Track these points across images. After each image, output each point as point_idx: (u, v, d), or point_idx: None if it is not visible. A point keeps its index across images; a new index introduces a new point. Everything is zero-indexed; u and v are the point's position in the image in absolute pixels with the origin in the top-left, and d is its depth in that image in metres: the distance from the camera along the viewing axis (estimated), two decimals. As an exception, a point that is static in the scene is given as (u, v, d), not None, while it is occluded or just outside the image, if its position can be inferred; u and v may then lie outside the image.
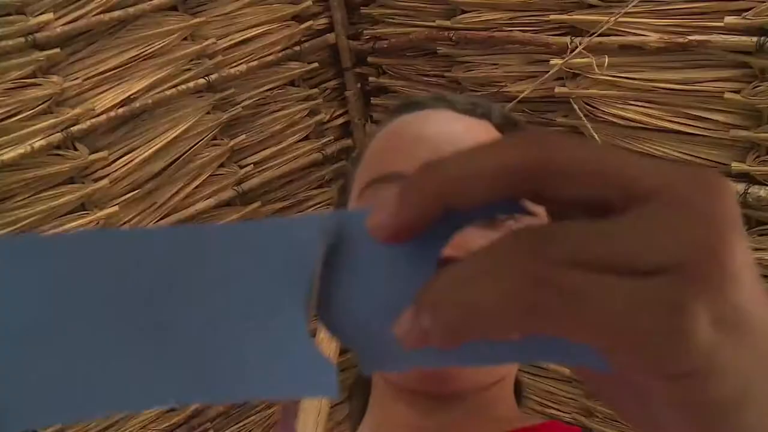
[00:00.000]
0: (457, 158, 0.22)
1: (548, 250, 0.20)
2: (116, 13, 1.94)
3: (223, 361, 0.24)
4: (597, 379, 0.26)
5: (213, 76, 2.16)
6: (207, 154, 2.23)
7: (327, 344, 1.46)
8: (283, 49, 2.31)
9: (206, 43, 2.12)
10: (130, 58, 2.01)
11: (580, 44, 1.73)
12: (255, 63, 2.25)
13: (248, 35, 2.22)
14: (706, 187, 0.20)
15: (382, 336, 0.24)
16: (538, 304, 0.19)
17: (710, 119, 1.65)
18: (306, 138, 2.48)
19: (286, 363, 0.24)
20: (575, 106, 1.83)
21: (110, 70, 1.98)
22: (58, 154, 1.93)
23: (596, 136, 1.76)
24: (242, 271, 0.25)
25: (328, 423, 1.77)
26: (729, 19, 1.54)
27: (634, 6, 1.63)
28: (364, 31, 2.38)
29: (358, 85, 2.50)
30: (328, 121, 2.53)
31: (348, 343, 0.26)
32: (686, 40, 1.60)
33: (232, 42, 2.20)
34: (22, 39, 1.80)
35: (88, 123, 1.94)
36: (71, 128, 1.91)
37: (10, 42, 1.78)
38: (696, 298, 0.19)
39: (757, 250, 1.65)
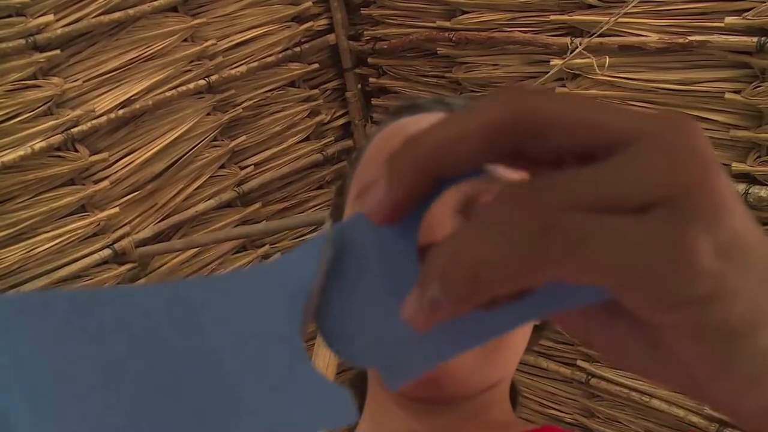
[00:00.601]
0: (439, 125, 0.22)
1: (546, 198, 0.20)
2: (116, 15, 1.94)
3: (236, 412, 0.23)
4: (606, 332, 0.26)
5: (213, 77, 2.16)
6: (207, 155, 2.23)
7: (322, 352, 1.46)
8: (284, 50, 2.31)
9: (206, 44, 2.12)
10: (131, 59, 2.01)
11: (580, 45, 1.73)
12: (255, 64, 2.25)
13: (248, 36, 2.22)
14: (684, 128, 0.21)
15: (395, 346, 0.24)
16: (545, 249, 0.20)
17: (711, 119, 1.65)
18: (306, 139, 2.48)
19: (301, 401, 0.24)
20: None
21: (110, 72, 1.98)
22: (59, 156, 1.93)
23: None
24: (240, 319, 0.25)
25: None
26: (729, 20, 1.54)
27: (634, 6, 1.63)
28: (365, 32, 2.38)
29: (359, 85, 2.50)
30: (329, 122, 2.53)
31: (365, 365, 0.26)
32: (686, 41, 1.59)
33: (233, 43, 2.20)
34: (23, 41, 1.80)
35: (89, 124, 1.94)
36: (72, 130, 1.92)
37: (11, 44, 1.78)
38: (694, 226, 0.20)
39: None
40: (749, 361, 0.22)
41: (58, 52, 1.87)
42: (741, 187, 1.60)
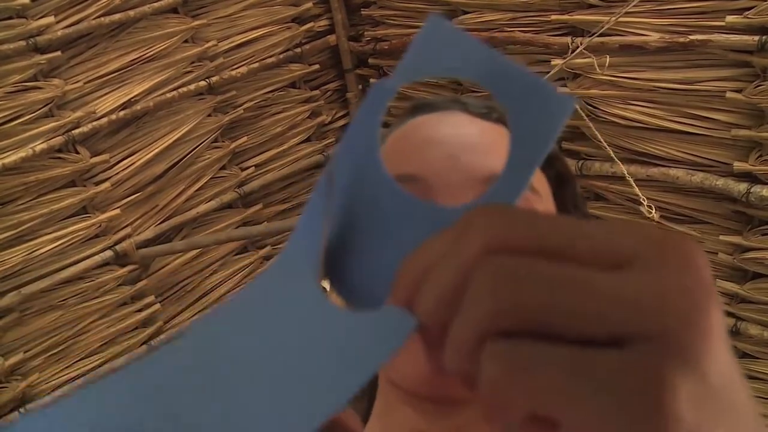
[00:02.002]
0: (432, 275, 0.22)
1: (524, 319, 0.20)
2: (117, 16, 1.94)
3: (307, 395, 0.23)
4: None
5: (214, 79, 2.16)
6: (208, 156, 2.23)
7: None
8: (284, 51, 2.31)
9: (207, 45, 2.12)
10: (131, 60, 2.01)
11: (581, 44, 1.73)
12: (256, 65, 2.25)
13: (249, 37, 2.22)
14: (684, 257, 0.20)
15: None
16: (519, 381, 0.19)
17: (712, 119, 1.65)
18: (307, 140, 2.48)
19: (359, 342, 0.24)
20: (577, 107, 1.82)
21: (111, 73, 1.99)
22: (60, 158, 1.93)
23: (599, 136, 1.76)
24: (267, 316, 0.26)
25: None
26: (730, 18, 1.54)
27: (634, 6, 1.63)
28: (365, 33, 2.38)
29: (360, 86, 2.50)
30: (330, 123, 2.53)
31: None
32: (687, 40, 1.59)
33: (233, 44, 2.20)
34: (23, 42, 1.80)
35: (90, 126, 1.94)
36: (72, 131, 1.91)
37: (11, 45, 1.78)
38: (676, 369, 0.18)
39: (759, 249, 1.64)
40: None
41: (58, 53, 1.87)
42: (743, 186, 1.60)
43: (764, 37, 1.49)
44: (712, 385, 0.19)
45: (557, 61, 1.80)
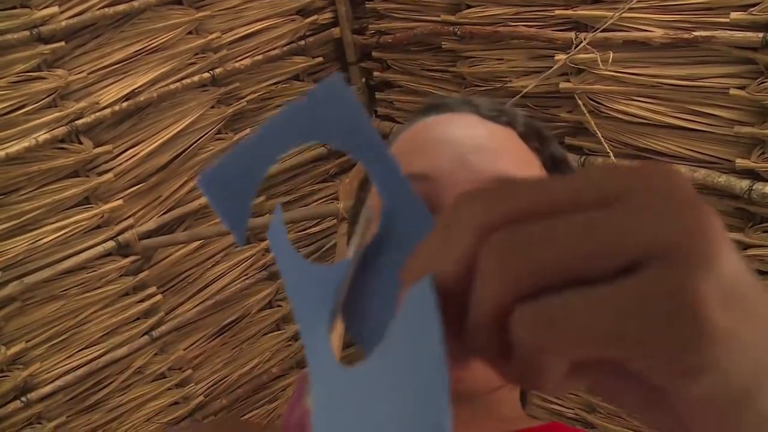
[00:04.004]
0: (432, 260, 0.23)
1: (531, 266, 0.20)
2: (121, 7, 1.94)
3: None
4: (604, 385, 0.25)
5: (217, 70, 2.16)
6: (211, 148, 2.23)
7: (336, 341, 1.49)
8: (288, 44, 2.31)
9: (211, 37, 2.12)
10: (135, 51, 2.01)
11: (584, 39, 1.72)
12: (260, 57, 2.25)
13: (253, 29, 2.22)
14: (668, 178, 0.21)
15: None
16: (543, 336, 0.20)
17: (715, 115, 1.65)
18: (310, 132, 2.48)
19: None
20: (579, 102, 1.82)
21: (115, 64, 1.99)
22: (63, 148, 1.93)
23: (598, 132, 1.76)
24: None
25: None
26: (735, 15, 1.53)
27: (638, 1, 1.63)
28: (369, 26, 2.37)
29: (363, 79, 2.50)
30: (333, 116, 2.52)
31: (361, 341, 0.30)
32: (691, 36, 1.59)
33: (237, 36, 2.20)
34: (27, 32, 1.80)
35: (93, 116, 1.95)
36: (76, 122, 1.92)
37: (15, 35, 1.78)
38: (699, 278, 0.19)
39: (761, 246, 1.64)
40: (755, 426, 0.21)
41: (62, 44, 1.87)
42: (745, 183, 1.59)
43: (768, 34, 1.49)
44: (732, 283, 0.20)
45: (561, 56, 1.80)
